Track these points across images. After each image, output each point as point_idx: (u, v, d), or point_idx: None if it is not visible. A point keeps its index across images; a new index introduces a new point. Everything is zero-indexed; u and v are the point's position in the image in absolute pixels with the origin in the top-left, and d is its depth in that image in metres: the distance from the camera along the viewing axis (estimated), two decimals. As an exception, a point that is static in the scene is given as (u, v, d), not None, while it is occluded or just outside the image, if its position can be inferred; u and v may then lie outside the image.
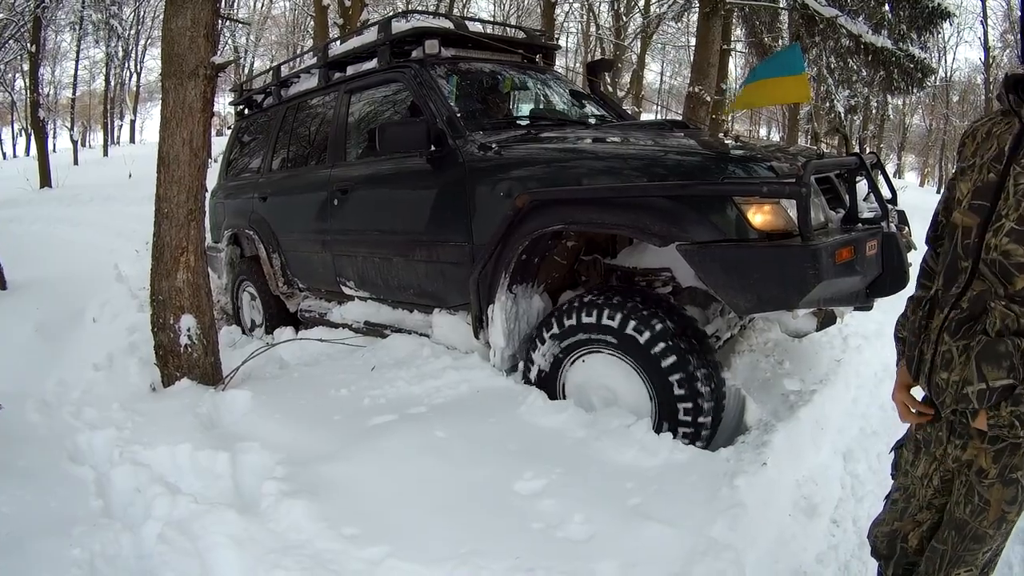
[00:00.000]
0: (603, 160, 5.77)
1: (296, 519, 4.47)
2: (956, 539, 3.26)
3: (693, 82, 17.31)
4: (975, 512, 3.17)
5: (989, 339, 2.89)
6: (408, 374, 6.63)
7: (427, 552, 4.17)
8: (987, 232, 2.88)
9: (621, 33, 45.24)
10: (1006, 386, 2.85)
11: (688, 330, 5.61)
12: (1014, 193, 2.80)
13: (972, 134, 3.14)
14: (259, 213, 9.73)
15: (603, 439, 5.35)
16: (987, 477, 3.09)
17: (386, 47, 7.81)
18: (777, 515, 5.02)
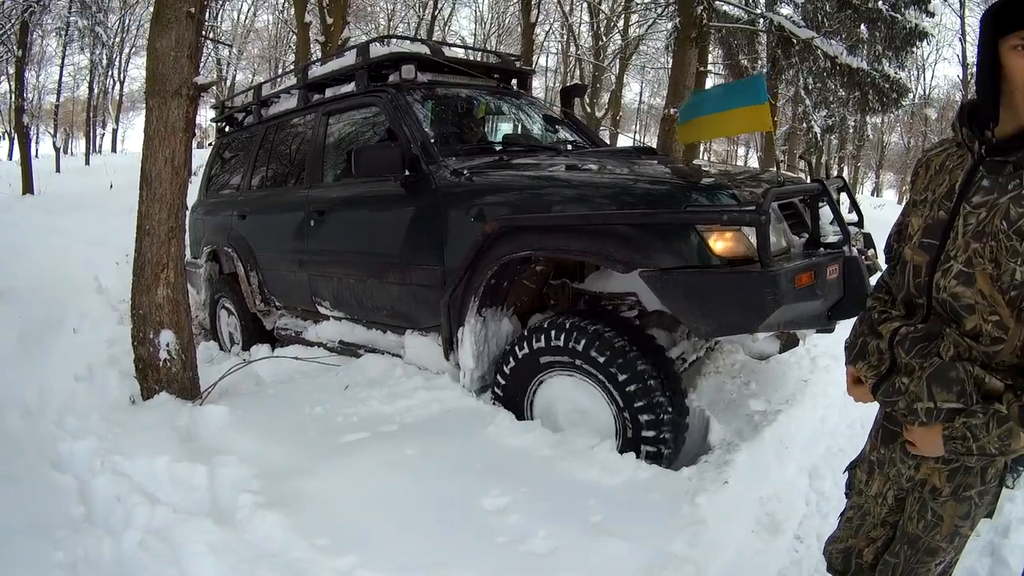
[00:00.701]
0: (571, 188, 5.90)
1: (270, 530, 4.59)
2: (909, 552, 3.33)
3: (669, 104, 17.42)
4: (928, 527, 3.24)
5: (942, 362, 2.91)
6: (380, 393, 6.74)
7: (395, 563, 4.30)
8: (936, 272, 2.92)
9: (600, 54, 45.31)
10: (955, 409, 2.89)
11: (652, 353, 5.72)
12: (963, 233, 2.81)
13: (926, 164, 3.17)
14: (238, 231, 9.80)
15: (568, 459, 5.48)
16: (941, 495, 3.16)
17: (364, 71, 7.92)
18: (739, 531, 5.12)
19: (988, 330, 2.81)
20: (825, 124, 27.33)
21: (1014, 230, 2.65)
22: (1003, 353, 2.82)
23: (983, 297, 2.77)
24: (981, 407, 2.81)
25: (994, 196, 2.75)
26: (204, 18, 7.07)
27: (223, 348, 10.70)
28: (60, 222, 19.68)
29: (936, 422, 2.93)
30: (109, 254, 14.02)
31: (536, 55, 50.17)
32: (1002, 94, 2.68)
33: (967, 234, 2.79)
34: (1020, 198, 2.67)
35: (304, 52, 22.77)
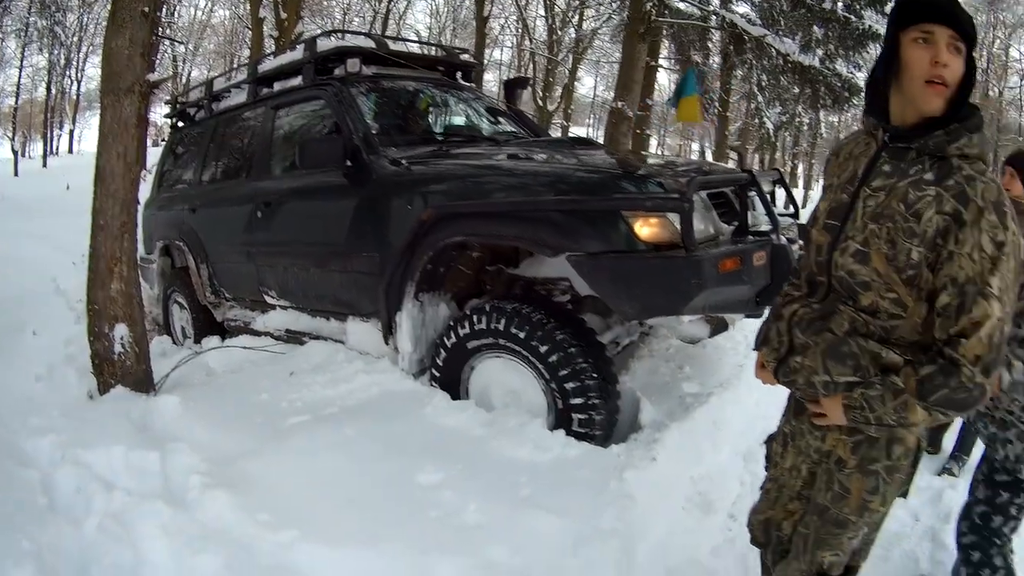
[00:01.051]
0: (506, 176, 6.06)
1: (218, 509, 4.72)
2: (818, 523, 3.42)
3: (617, 98, 17.44)
4: (836, 499, 3.33)
5: (834, 338, 3.07)
6: (323, 378, 6.86)
7: (333, 536, 4.46)
8: (835, 251, 3.06)
9: (554, 48, 45.31)
10: (853, 382, 3.05)
11: (582, 336, 5.88)
12: (862, 215, 2.98)
13: (836, 152, 3.35)
14: (189, 224, 9.85)
15: (500, 437, 5.63)
16: (846, 467, 3.26)
17: (311, 65, 8.02)
18: (670, 509, 5.27)
19: (885, 307, 2.97)
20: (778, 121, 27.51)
21: (911, 212, 2.82)
22: (902, 329, 2.97)
23: (878, 275, 2.92)
24: (879, 380, 2.98)
25: (894, 180, 2.91)
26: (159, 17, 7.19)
27: (176, 342, 10.73)
28: (18, 226, 19.70)
29: (836, 393, 3.11)
30: (66, 255, 13.93)
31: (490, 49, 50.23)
32: (900, 84, 2.87)
33: (865, 215, 2.97)
34: (920, 183, 2.84)
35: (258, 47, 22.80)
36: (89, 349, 7.26)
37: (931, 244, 2.82)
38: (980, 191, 2.74)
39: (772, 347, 3.37)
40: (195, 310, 10.03)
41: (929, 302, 2.92)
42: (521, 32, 51.30)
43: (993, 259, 2.72)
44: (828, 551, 3.48)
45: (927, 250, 2.83)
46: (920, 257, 2.84)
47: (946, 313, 2.82)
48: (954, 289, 2.79)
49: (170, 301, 10.83)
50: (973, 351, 2.74)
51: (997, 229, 2.71)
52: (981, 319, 2.74)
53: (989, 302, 2.73)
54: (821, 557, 3.50)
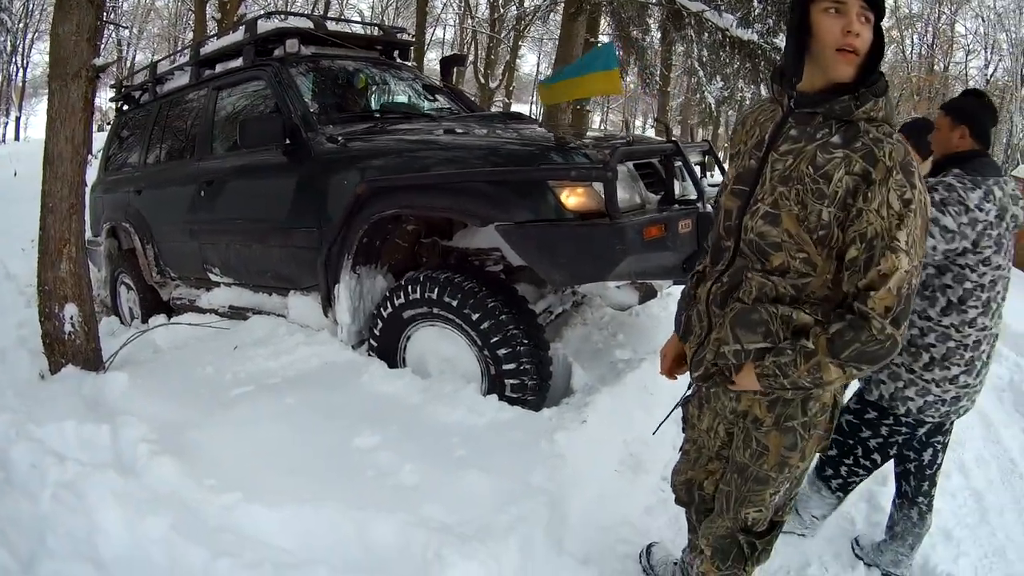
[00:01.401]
0: (440, 150, 6.19)
1: (165, 474, 4.87)
2: (739, 481, 3.52)
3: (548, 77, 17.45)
4: (754, 456, 3.42)
5: (743, 306, 3.18)
6: (266, 351, 7.02)
7: (275, 497, 4.61)
8: (745, 215, 3.16)
9: (496, 25, 45.21)
10: (764, 348, 3.15)
11: (513, 304, 6.08)
12: (770, 179, 3.07)
13: (743, 121, 3.43)
14: (135, 206, 9.93)
15: (435, 402, 5.84)
16: (763, 425, 3.35)
17: (251, 46, 8.15)
18: (601, 470, 5.50)
19: (796, 266, 3.04)
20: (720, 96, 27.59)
21: (820, 174, 2.94)
22: (812, 286, 3.06)
23: (789, 236, 3.01)
24: (789, 344, 3.06)
25: (801, 144, 3.03)
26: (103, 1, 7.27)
27: (124, 322, 10.77)
28: (-36, 212, 19.48)
29: (748, 361, 3.20)
30: (15, 241, 14.02)
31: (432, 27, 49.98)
32: (810, 52, 2.99)
33: (774, 179, 3.06)
34: (827, 146, 2.97)
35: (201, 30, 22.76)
36: (40, 330, 7.35)
37: (842, 204, 2.92)
38: (888, 152, 2.85)
39: (695, 333, 3.49)
40: (142, 290, 10.09)
41: (839, 259, 3.01)
42: (463, 10, 51.13)
43: (900, 215, 2.83)
44: (751, 507, 3.58)
45: (837, 210, 2.93)
46: (830, 217, 2.94)
47: (854, 267, 2.92)
48: (862, 244, 2.88)
49: (117, 282, 10.89)
50: (883, 303, 2.85)
51: (904, 188, 2.83)
52: (889, 272, 2.84)
53: (897, 255, 2.83)
54: (744, 514, 3.60)
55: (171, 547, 4.33)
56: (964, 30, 61.64)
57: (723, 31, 17.50)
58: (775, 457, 3.38)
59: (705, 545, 3.87)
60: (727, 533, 3.74)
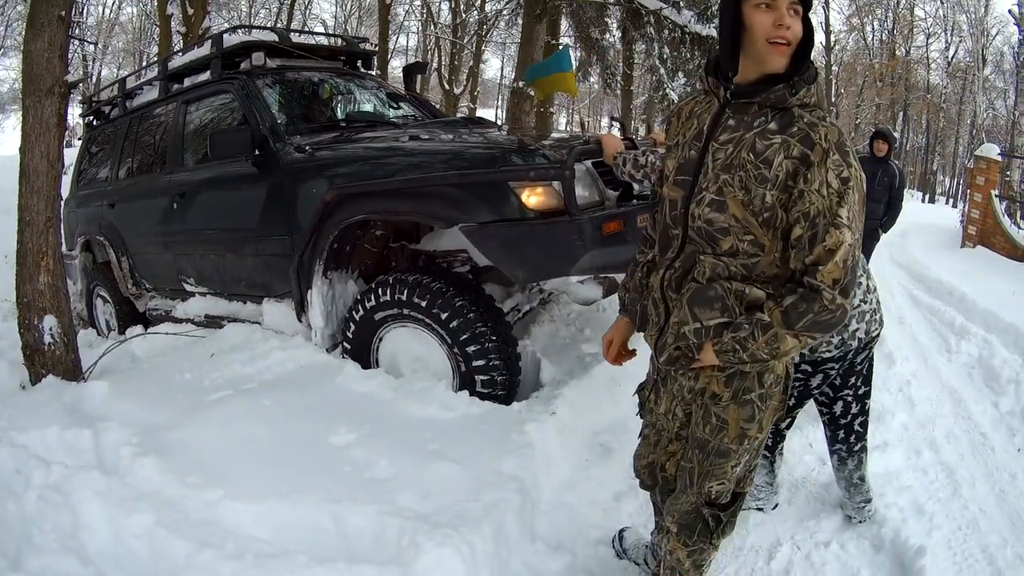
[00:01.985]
0: (405, 156, 6.36)
1: (148, 473, 5.04)
2: (701, 456, 3.59)
3: (517, 78, 17.73)
4: (714, 431, 3.51)
5: (699, 285, 3.27)
6: (242, 357, 7.15)
7: (254, 493, 4.81)
8: (691, 204, 3.28)
9: (459, 31, 45.24)
10: (722, 323, 3.25)
11: (481, 302, 6.26)
12: (712, 168, 3.19)
13: (677, 113, 3.58)
14: (108, 219, 10.08)
15: (408, 400, 6.03)
16: (722, 400, 3.45)
17: (218, 60, 8.27)
18: (572, 458, 5.71)
19: (744, 248, 3.17)
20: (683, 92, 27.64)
21: (761, 160, 3.08)
22: (761, 265, 3.20)
23: (736, 220, 3.15)
24: (745, 319, 3.18)
25: (740, 133, 3.18)
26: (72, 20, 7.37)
27: (101, 334, 10.83)
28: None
29: (707, 339, 3.29)
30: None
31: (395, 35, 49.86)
32: (743, 46, 3.15)
33: (716, 167, 3.19)
34: (764, 132, 3.11)
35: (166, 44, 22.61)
36: (20, 342, 7.41)
37: (783, 186, 3.05)
38: (823, 134, 3.00)
39: (652, 321, 3.58)
40: (118, 302, 10.19)
41: (784, 239, 3.14)
42: (425, 17, 51.12)
43: (840, 193, 2.98)
44: (714, 481, 3.65)
45: (780, 192, 3.06)
46: (773, 200, 3.07)
47: (800, 245, 3.05)
48: (806, 223, 3.01)
49: (93, 295, 10.96)
50: (831, 275, 3.00)
51: (841, 167, 2.98)
52: (834, 246, 2.98)
53: (840, 231, 2.97)
54: (708, 488, 3.67)
55: (155, 541, 4.49)
56: (924, 13, 61.75)
57: (682, 28, 17.55)
58: (735, 430, 3.49)
59: (671, 523, 3.92)
60: (691, 509, 3.80)
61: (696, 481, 3.70)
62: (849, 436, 5.25)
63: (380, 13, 35.64)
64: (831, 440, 5.35)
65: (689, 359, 3.43)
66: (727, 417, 3.49)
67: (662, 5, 17.39)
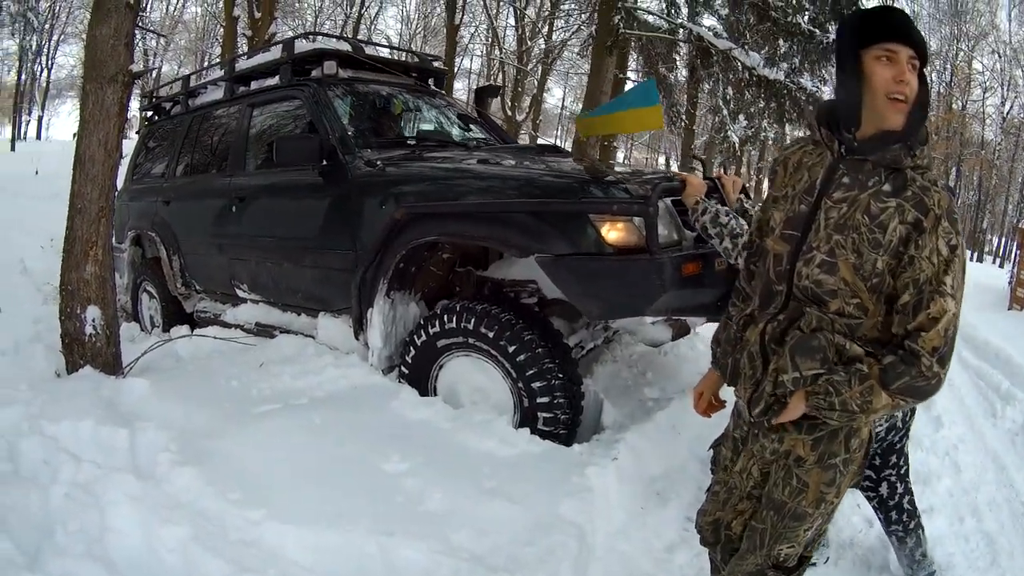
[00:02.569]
0: (478, 179, 6.22)
1: (186, 482, 4.87)
2: (776, 518, 3.45)
3: (585, 109, 17.32)
4: (793, 493, 3.36)
5: (803, 334, 3.12)
6: (293, 370, 6.96)
7: (300, 515, 4.62)
8: (798, 261, 3.13)
9: (524, 58, 45.22)
10: (819, 375, 3.08)
11: (549, 337, 6.06)
12: (824, 226, 3.05)
13: (783, 162, 3.41)
14: (162, 216, 9.97)
15: (466, 432, 5.81)
16: (805, 463, 3.30)
17: (288, 65, 8.14)
18: (629, 505, 5.43)
19: (849, 311, 3.04)
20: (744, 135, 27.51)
21: (876, 223, 2.93)
22: (864, 327, 3.06)
23: (845, 284, 3.00)
24: (843, 367, 3.03)
25: (855, 192, 3.01)
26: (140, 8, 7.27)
27: (144, 330, 10.75)
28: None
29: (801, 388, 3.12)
30: (35, 238, 14.10)
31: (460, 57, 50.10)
32: (863, 100, 2.99)
33: (829, 226, 3.04)
34: (880, 194, 2.96)
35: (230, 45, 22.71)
36: (59, 329, 7.30)
37: (894, 252, 2.94)
38: (936, 200, 2.87)
39: (746, 375, 3.40)
40: (165, 300, 10.07)
41: (888, 303, 3.03)
42: (491, 41, 51.24)
43: (948, 261, 2.86)
44: (785, 544, 3.52)
45: (890, 258, 2.94)
46: (884, 266, 2.95)
47: (904, 311, 2.94)
48: (914, 289, 2.91)
49: (140, 290, 10.86)
50: (931, 343, 2.87)
51: (951, 234, 2.86)
52: (938, 314, 2.87)
53: (944, 299, 2.85)
54: (778, 550, 3.54)
55: (189, 557, 4.32)
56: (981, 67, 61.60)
57: (750, 70, 17.45)
58: (814, 493, 3.35)
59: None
60: (756, 570, 3.67)
61: (767, 543, 3.55)
62: (902, 515, 5.12)
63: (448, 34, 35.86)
64: (886, 523, 5.19)
65: (783, 404, 3.23)
66: (808, 480, 3.33)
67: (732, 46, 17.34)
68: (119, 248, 10.73)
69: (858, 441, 3.31)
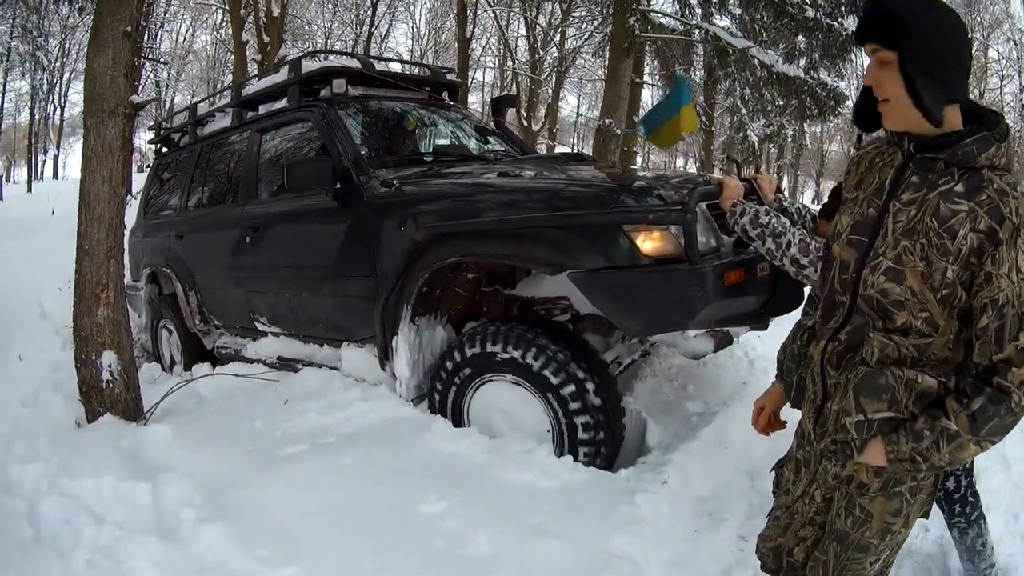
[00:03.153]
0: (501, 194, 5.94)
1: (212, 542, 4.61)
2: (839, 549, 3.24)
3: (603, 115, 17.56)
4: (856, 523, 3.15)
5: (868, 370, 2.88)
6: (319, 406, 6.74)
7: (336, 571, 4.35)
8: (864, 269, 2.90)
9: (537, 67, 45.39)
10: (888, 418, 2.86)
11: (585, 357, 5.77)
12: (892, 231, 2.81)
13: (858, 161, 3.18)
14: (176, 251, 9.77)
15: (504, 463, 5.54)
16: (869, 491, 3.09)
17: (296, 86, 7.93)
18: (680, 530, 5.15)
19: (917, 326, 2.79)
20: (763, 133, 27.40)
21: (944, 228, 2.67)
22: (934, 347, 2.80)
23: (912, 294, 2.76)
24: (925, 424, 2.78)
25: (923, 192, 2.77)
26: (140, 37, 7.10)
27: (165, 369, 10.63)
28: (3, 249, 19.55)
29: (871, 434, 2.89)
30: (52, 279, 13.97)
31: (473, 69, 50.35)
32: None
33: (897, 231, 2.80)
34: (950, 194, 2.69)
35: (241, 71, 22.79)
36: (76, 376, 7.15)
37: (965, 263, 2.67)
38: (1013, 207, 2.62)
39: (809, 399, 3.23)
40: (184, 337, 9.92)
41: (960, 320, 2.77)
42: (503, 53, 51.55)
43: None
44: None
45: (961, 268, 2.67)
46: (954, 276, 2.69)
47: (985, 336, 2.67)
48: (994, 312, 2.64)
49: (159, 328, 10.72)
50: (1019, 377, 2.61)
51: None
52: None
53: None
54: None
55: (219, 625, 4.09)
56: (997, 55, 61.51)
57: (768, 68, 17.30)
58: (879, 523, 3.11)
59: None
60: None
61: (830, 574, 3.30)
62: (965, 507, 4.96)
63: (459, 47, 36.09)
64: (948, 515, 5.03)
65: (847, 455, 3.02)
66: (872, 510, 3.11)
67: (750, 44, 17.16)
68: (135, 287, 10.76)
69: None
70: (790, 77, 17.46)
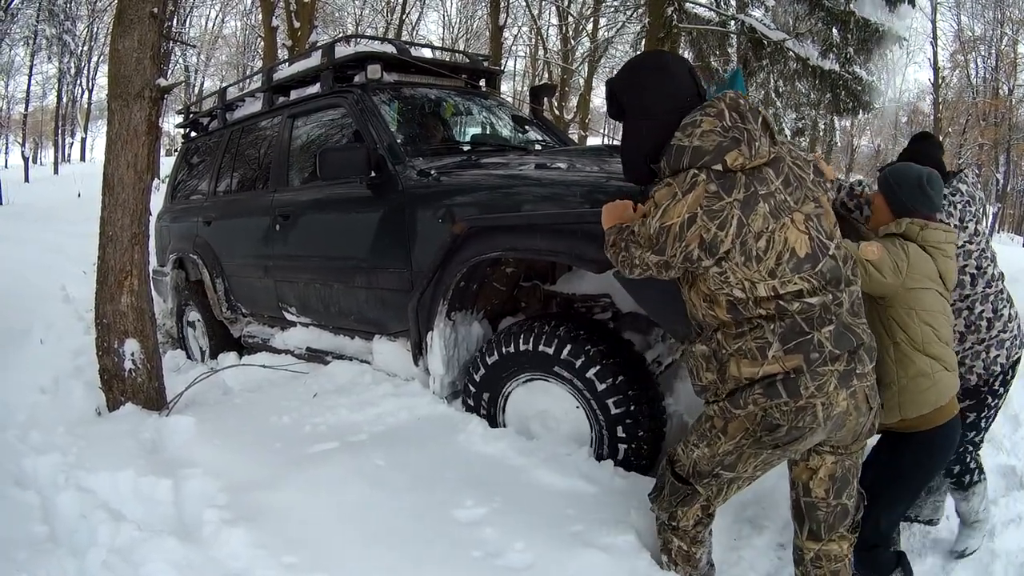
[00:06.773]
0: (542, 187, 5.75)
1: (236, 547, 4.47)
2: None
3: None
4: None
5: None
6: (349, 401, 6.61)
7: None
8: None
9: (569, 57, 45.31)
10: None
11: (627, 357, 5.63)
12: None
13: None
14: (203, 237, 9.70)
15: (542, 467, 5.37)
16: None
17: (329, 72, 7.79)
18: (722, 538, 5.03)
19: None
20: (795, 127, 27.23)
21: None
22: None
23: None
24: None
25: None
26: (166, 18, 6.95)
27: (190, 357, 10.57)
28: (28, 231, 19.67)
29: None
30: (76, 263, 14.02)
31: (504, 58, 50.23)
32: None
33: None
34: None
35: (271, 57, 22.72)
36: (98, 363, 7.05)
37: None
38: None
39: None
40: (210, 325, 9.85)
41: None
42: (535, 42, 51.43)
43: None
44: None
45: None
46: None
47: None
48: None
49: (184, 315, 10.66)
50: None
51: None
52: None
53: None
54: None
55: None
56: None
57: (803, 60, 17.17)
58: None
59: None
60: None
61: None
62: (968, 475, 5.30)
63: (492, 35, 35.99)
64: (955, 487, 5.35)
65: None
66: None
67: (785, 36, 17.03)
68: (162, 272, 10.73)
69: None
70: (825, 71, 17.34)
